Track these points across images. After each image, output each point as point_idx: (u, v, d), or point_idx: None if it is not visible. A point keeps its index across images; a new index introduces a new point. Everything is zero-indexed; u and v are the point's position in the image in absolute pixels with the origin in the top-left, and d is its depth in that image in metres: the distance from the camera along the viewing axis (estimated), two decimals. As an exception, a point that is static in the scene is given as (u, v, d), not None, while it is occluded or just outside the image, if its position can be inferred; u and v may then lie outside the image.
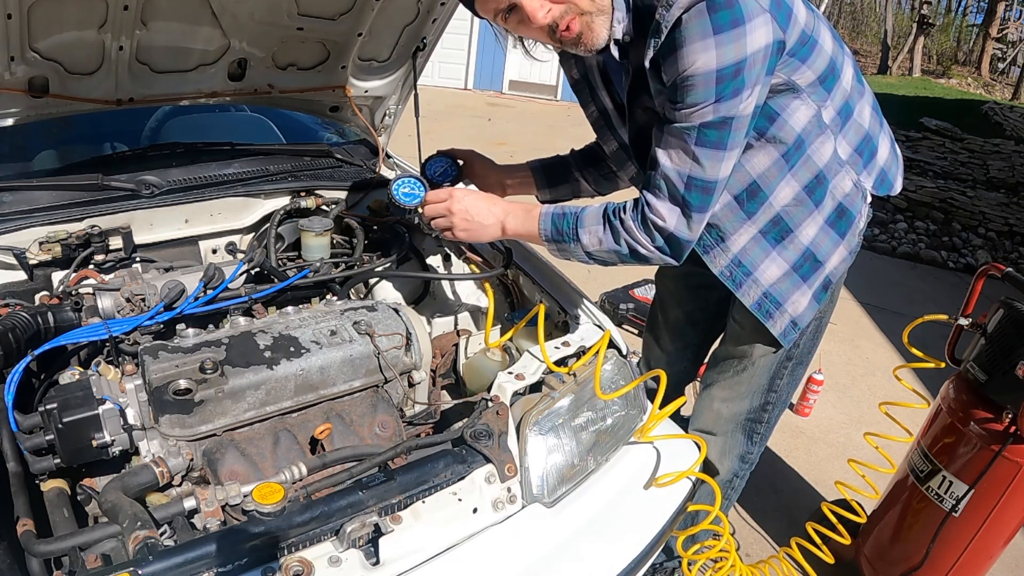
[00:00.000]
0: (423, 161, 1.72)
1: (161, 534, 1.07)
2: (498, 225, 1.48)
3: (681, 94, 1.22)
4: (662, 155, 1.29)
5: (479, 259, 1.70)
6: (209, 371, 1.30)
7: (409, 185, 1.63)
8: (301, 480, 1.22)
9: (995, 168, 8.15)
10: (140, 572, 0.95)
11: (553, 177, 1.79)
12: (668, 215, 1.32)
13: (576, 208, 1.42)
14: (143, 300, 1.53)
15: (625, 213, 1.36)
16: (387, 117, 2.42)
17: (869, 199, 1.52)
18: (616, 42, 1.33)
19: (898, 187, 1.57)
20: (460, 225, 1.49)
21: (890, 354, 4.00)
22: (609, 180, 1.78)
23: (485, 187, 1.76)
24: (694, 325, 2.02)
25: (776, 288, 1.51)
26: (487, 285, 1.63)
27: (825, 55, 1.35)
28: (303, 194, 2.03)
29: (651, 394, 1.58)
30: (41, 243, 1.64)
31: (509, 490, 1.30)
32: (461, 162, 1.72)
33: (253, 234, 2.04)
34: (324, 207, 2.03)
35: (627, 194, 1.68)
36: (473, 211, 1.48)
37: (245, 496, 1.14)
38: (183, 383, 1.29)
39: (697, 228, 1.34)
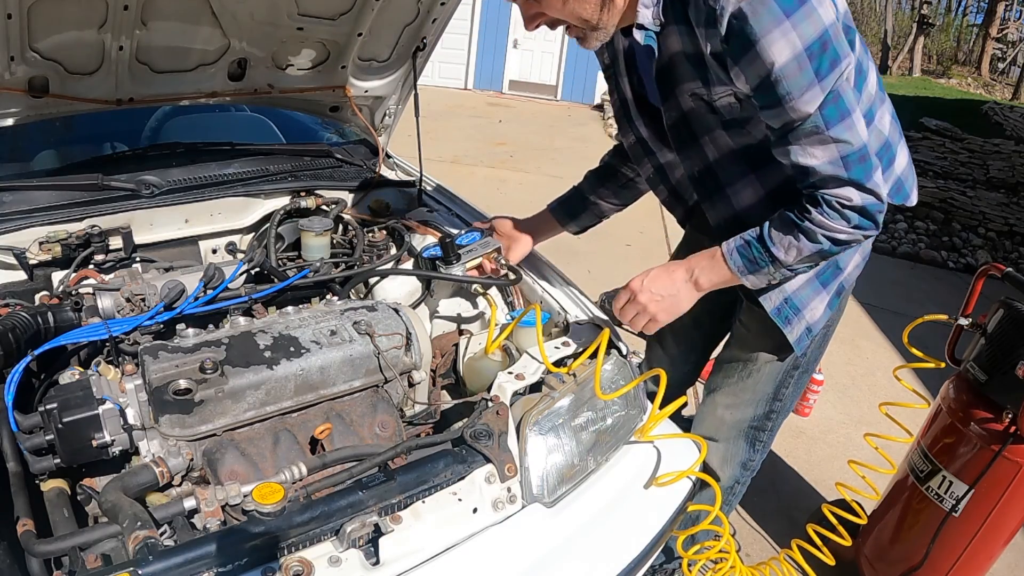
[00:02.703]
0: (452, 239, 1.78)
1: (161, 534, 1.07)
2: (689, 286, 1.44)
3: (781, 88, 1.17)
4: (807, 158, 1.24)
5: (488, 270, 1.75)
6: (209, 371, 1.30)
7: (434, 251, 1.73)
8: (301, 480, 1.22)
9: (995, 168, 8.15)
10: (140, 572, 0.95)
11: (572, 210, 1.85)
12: (852, 196, 1.25)
13: (753, 232, 1.37)
14: (143, 300, 1.53)
15: (809, 212, 1.28)
16: (387, 117, 2.42)
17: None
18: (640, 27, 1.30)
19: (914, 199, 1.54)
20: (655, 309, 1.46)
21: (890, 354, 4.00)
22: (628, 189, 1.81)
23: (514, 243, 1.82)
24: (699, 328, 2.01)
25: (798, 294, 1.50)
26: (489, 297, 1.64)
27: (857, 54, 1.33)
28: (303, 194, 2.03)
29: (651, 396, 1.58)
30: (41, 243, 1.64)
31: (509, 490, 1.30)
32: (487, 226, 1.84)
33: (253, 234, 2.04)
34: (324, 207, 2.03)
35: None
36: (657, 288, 1.45)
37: (245, 496, 1.14)
38: (183, 383, 1.29)
39: (882, 189, 1.26)
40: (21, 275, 1.65)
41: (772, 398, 1.71)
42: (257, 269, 1.75)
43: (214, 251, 2.00)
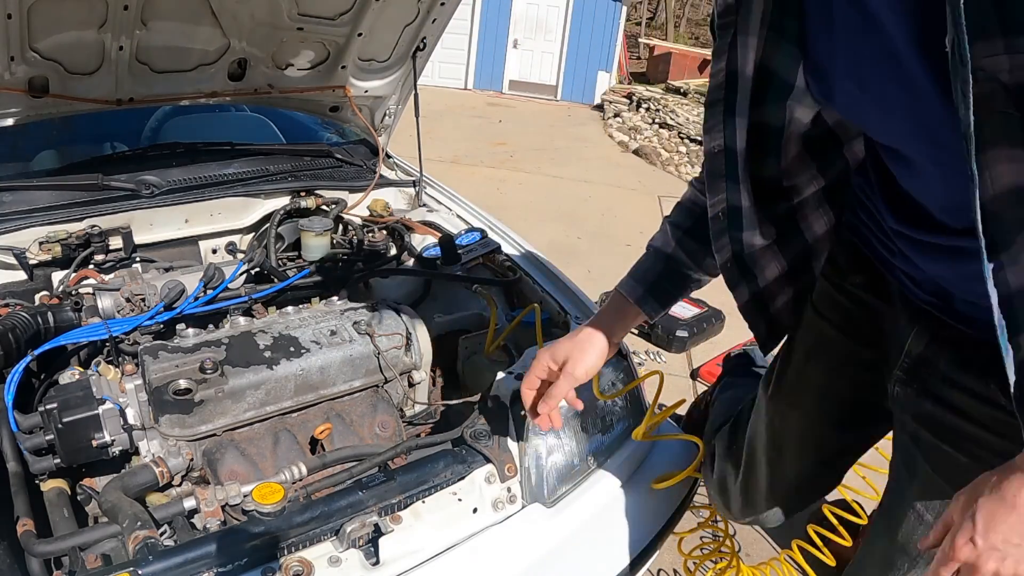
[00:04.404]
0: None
1: (161, 534, 1.08)
2: None
3: None
4: None
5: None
6: (209, 371, 1.30)
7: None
8: (301, 480, 1.22)
9: (995, 168, 8.15)
10: (140, 572, 0.95)
11: (667, 292, 1.22)
12: None
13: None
14: (143, 300, 1.53)
15: None
16: (387, 117, 2.42)
17: None
18: None
19: None
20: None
21: (890, 354, 3.99)
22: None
23: (583, 351, 1.20)
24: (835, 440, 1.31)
25: None
26: (490, 299, 1.64)
27: None
28: (303, 194, 2.03)
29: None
30: (41, 243, 1.64)
31: (509, 490, 1.30)
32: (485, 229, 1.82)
33: (253, 234, 2.04)
34: (324, 207, 2.03)
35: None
36: (1010, 537, 0.71)
37: (245, 496, 1.14)
38: (183, 383, 1.29)
39: None
40: (21, 275, 1.65)
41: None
42: (257, 269, 1.75)
43: (214, 251, 2.00)
